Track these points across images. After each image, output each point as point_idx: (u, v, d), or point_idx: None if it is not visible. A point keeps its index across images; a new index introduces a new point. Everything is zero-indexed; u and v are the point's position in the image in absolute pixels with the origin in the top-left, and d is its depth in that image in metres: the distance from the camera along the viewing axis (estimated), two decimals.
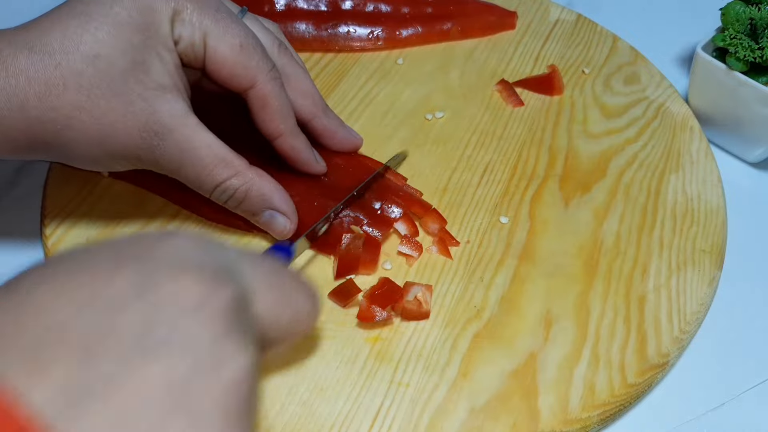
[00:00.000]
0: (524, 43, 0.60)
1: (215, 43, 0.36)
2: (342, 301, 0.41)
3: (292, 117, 0.41)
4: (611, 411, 0.38)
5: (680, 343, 0.41)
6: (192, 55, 0.37)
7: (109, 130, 0.34)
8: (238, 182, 0.38)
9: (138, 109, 0.34)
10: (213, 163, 0.37)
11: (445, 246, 0.44)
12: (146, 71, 0.35)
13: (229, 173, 0.38)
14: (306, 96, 0.43)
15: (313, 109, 0.44)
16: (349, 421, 0.36)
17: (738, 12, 0.50)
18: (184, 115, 0.36)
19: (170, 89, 0.35)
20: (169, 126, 0.35)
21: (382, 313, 0.39)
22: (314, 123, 0.44)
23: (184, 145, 0.36)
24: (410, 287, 0.41)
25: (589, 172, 0.50)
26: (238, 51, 0.37)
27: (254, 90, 0.38)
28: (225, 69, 0.37)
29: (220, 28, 0.36)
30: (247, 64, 0.37)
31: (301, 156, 0.42)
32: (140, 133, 0.35)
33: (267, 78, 0.38)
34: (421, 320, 0.40)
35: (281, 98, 0.39)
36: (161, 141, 0.35)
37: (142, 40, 0.34)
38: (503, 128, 0.52)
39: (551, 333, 0.40)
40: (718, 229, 0.47)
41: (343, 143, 0.46)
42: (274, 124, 0.40)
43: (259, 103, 0.39)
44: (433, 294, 0.42)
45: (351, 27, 0.57)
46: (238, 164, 0.38)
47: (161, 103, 0.35)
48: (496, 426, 0.36)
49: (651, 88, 0.56)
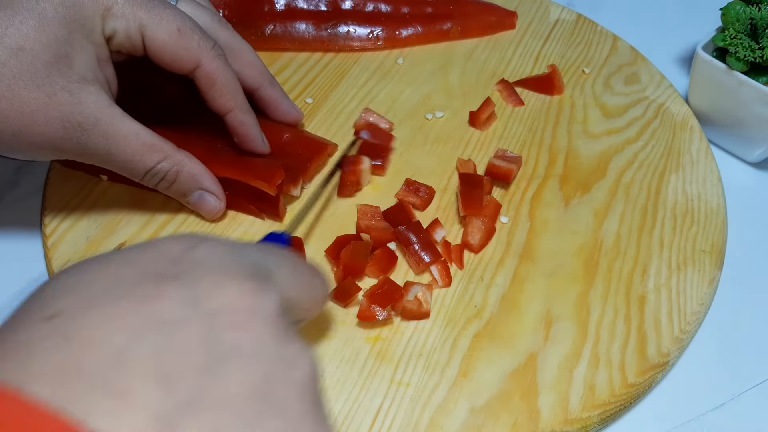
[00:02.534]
0: (524, 43, 0.60)
1: (152, 33, 0.37)
2: (342, 301, 0.41)
3: (241, 92, 0.42)
4: (611, 411, 0.38)
5: (680, 342, 0.41)
6: (130, 46, 0.38)
7: (29, 120, 0.35)
8: (168, 165, 0.40)
9: (60, 101, 0.35)
10: (142, 150, 0.38)
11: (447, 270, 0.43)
12: (69, 64, 0.35)
13: (159, 157, 0.39)
14: (252, 67, 0.44)
15: (259, 79, 0.45)
16: (349, 420, 0.36)
17: (738, 12, 0.50)
18: (107, 106, 0.37)
19: (92, 82, 0.36)
20: (95, 117, 0.36)
21: (382, 313, 0.39)
22: (261, 92, 0.45)
23: (110, 135, 0.37)
24: (411, 287, 0.41)
25: (589, 172, 0.50)
26: (176, 36, 0.38)
27: (199, 70, 0.39)
28: (167, 55, 0.38)
29: (155, 16, 0.37)
30: (188, 47, 0.38)
31: (249, 132, 0.43)
32: (63, 124, 0.36)
33: (210, 56, 0.39)
34: (421, 320, 0.40)
35: (227, 74, 0.40)
36: (85, 132, 0.36)
37: (67, 34, 0.35)
38: (503, 128, 0.52)
39: (551, 333, 0.40)
40: (718, 229, 0.47)
41: (287, 115, 0.47)
42: (224, 99, 0.41)
43: (207, 82, 0.40)
44: (434, 294, 0.42)
45: (351, 27, 0.57)
46: (167, 148, 0.39)
47: (85, 95, 0.36)
48: (497, 426, 0.36)
49: (651, 88, 0.56)
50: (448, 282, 0.42)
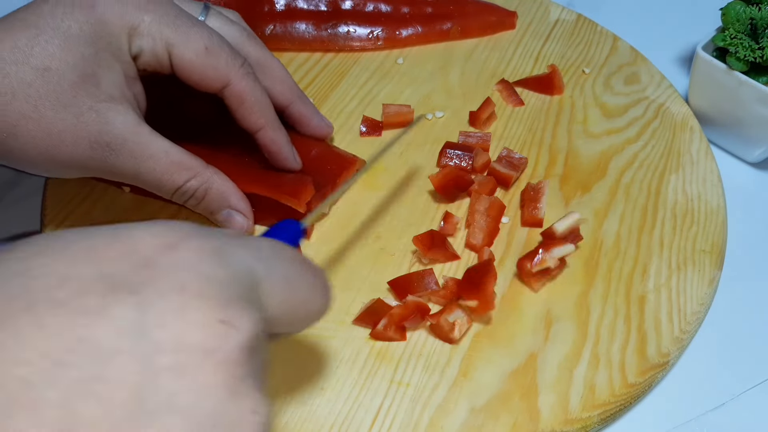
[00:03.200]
0: (524, 43, 0.60)
1: (179, 52, 0.37)
2: (370, 325, 0.40)
3: (271, 109, 0.41)
4: (611, 411, 0.38)
5: (680, 342, 0.41)
6: (157, 65, 0.37)
7: (57, 141, 0.34)
8: (197, 183, 0.39)
9: (88, 121, 0.35)
10: (171, 169, 0.37)
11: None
12: (97, 84, 0.35)
13: (188, 176, 0.38)
14: (282, 83, 0.44)
15: (289, 96, 0.44)
16: (349, 420, 0.36)
17: (738, 12, 0.50)
18: (136, 125, 0.36)
19: (121, 101, 0.36)
20: (123, 137, 0.35)
21: (395, 335, 0.39)
22: (291, 109, 0.45)
23: (138, 154, 0.36)
24: (455, 308, 0.39)
25: (589, 172, 0.50)
26: (204, 55, 0.37)
27: (229, 89, 0.39)
28: (195, 74, 0.37)
29: (182, 35, 0.36)
30: (217, 65, 0.38)
31: (281, 150, 0.42)
32: (90, 144, 0.35)
33: (239, 75, 0.39)
34: (446, 343, 0.40)
35: (257, 92, 0.40)
36: (113, 152, 0.36)
37: (93, 53, 0.34)
38: (503, 128, 0.52)
39: (551, 333, 0.40)
40: (718, 229, 0.47)
41: (318, 129, 0.47)
42: (254, 117, 0.40)
43: (236, 101, 0.39)
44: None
45: (351, 27, 0.57)
46: (196, 165, 0.39)
47: (113, 115, 0.35)
48: (497, 426, 0.36)
49: (651, 88, 0.56)
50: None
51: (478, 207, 0.45)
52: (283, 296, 0.23)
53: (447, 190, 0.46)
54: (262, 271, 0.22)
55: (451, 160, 0.48)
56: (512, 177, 0.47)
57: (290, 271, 0.24)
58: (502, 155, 0.49)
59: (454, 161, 0.48)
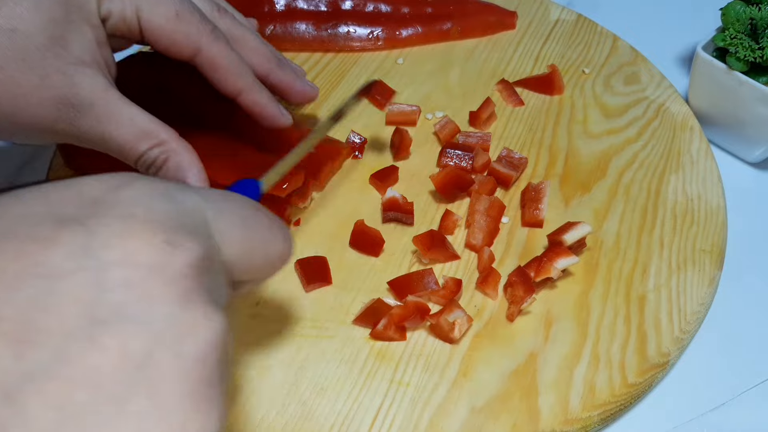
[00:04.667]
0: (524, 43, 0.60)
1: (149, 15, 0.36)
2: (371, 324, 0.40)
3: (249, 72, 0.41)
4: (612, 411, 0.38)
5: (680, 342, 0.41)
6: (125, 29, 0.36)
7: (23, 103, 0.34)
8: (157, 151, 0.37)
9: (55, 82, 0.34)
10: (137, 135, 0.36)
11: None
12: (65, 46, 0.34)
13: (150, 143, 0.37)
14: (257, 53, 0.43)
15: (267, 65, 0.43)
16: (349, 420, 0.36)
17: (738, 12, 0.50)
18: (104, 89, 0.35)
19: (89, 64, 0.35)
20: (89, 99, 0.35)
21: (395, 335, 0.39)
22: (271, 78, 0.44)
23: (105, 118, 0.36)
24: (455, 309, 0.40)
25: (589, 172, 0.50)
26: (174, 19, 0.37)
27: (201, 55, 0.38)
28: (164, 39, 0.37)
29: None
30: (187, 31, 0.37)
31: (266, 110, 0.41)
32: (56, 106, 0.35)
33: (210, 39, 0.38)
34: (446, 343, 0.40)
35: (230, 56, 0.39)
36: (79, 114, 0.35)
37: (63, 15, 0.34)
38: (503, 128, 0.52)
39: (551, 333, 0.40)
40: (718, 229, 0.47)
41: (302, 94, 0.45)
42: (230, 82, 0.40)
43: (210, 66, 0.39)
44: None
45: (351, 27, 0.57)
46: (163, 136, 0.37)
47: (81, 77, 0.35)
48: (497, 426, 0.36)
49: (651, 88, 0.56)
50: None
51: (478, 207, 0.45)
52: (238, 236, 0.24)
53: (447, 190, 0.46)
54: (213, 212, 0.23)
55: (451, 160, 0.48)
56: (512, 177, 0.47)
57: (244, 213, 0.25)
58: (502, 155, 0.49)
59: (454, 161, 0.48)
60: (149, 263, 0.19)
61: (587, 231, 0.42)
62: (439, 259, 0.43)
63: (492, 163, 0.48)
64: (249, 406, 0.36)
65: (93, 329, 0.17)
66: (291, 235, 0.27)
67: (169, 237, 0.20)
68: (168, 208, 0.21)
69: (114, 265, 0.18)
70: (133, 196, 0.21)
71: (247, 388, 0.37)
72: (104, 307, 0.18)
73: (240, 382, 0.37)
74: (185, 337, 0.19)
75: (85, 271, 0.18)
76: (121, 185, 0.21)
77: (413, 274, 0.42)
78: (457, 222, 0.45)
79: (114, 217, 0.19)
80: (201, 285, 0.20)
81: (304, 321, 0.40)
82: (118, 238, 0.19)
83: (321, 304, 0.41)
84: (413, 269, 0.43)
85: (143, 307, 0.18)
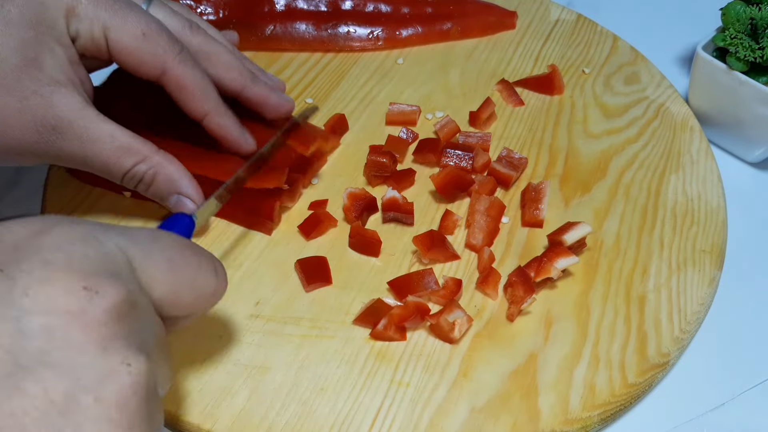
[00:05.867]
0: (524, 43, 0.60)
1: (116, 35, 0.36)
2: (371, 324, 0.40)
3: (214, 95, 0.41)
4: (611, 411, 0.38)
5: (681, 342, 0.41)
6: (94, 48, 0.37)
7: (3, 126, 0.34)
8: (145, 167, 0.38)
9: (33, 104, 0.34)
10: (118, 152, 0.37)
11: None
12: (39, 67, 0.34)
13: (136, 159, 0.38)
14: (229, 69, 0.43)
15: (240, 80, 0.43)
16: (349, 420, 0.36)
17: (738, 12, 0.50)
18: (81, 108, 0.36)
19: (65, 84, 0.35)
20: (68, 119, 0.35)
21: (395, 335, 0.39)
22: (245, 93, 0.44)
23: (85, 137, 0.36)
24: (455, 309, 0.40)
25: (589, 172, 0.50)
26: (141, 39, 0.37)
27: (166, 75, 0.38)
28: (131, 58, 0.37)
29: (119, 18, 0.36)
30: (153, 51, 0.37)
31: (229, 134, 0.42)
32: (36, 128, 0.35)
33: (176, 61, 0.38)
34: (446, 343, 0.40)
35: (196, 78, 0.39)
36: (59, 135, 0.35)
37: (34, 36, 0.34)
38: (503, 128, 0.52)
39: (551, 333, 0.40)
40: (718, 229, 0.47)
41: (278, 109, 0.45)
42: (195, 104, 0.40)
43: (175, 87, 0.39)
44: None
45: (351, 27, 0.57)
46: (145, 150, 0.38)
47: (57, 98, 0.35)
48: (497, 426, 0.36)
49: (651, 88, 0.56)
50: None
51: (478, 207, 0.45)
52: (164, 276, 0.24)
53: (447, 190, 0.46)
54: (137, 254, 0.23)
55: (451, 160, 0.48)
56: (512, 177, 0.47)
57: (170, 253, 0.25)
58: (502, 155, 0.49)
59: (454, 161, 0.48)
60: (68, 310, 0.19)
61: (587, 231, 0.42)
62: (439, 259, 0.43)
63: (492, 163, 0.48)
64: (249, 406, 0.36)
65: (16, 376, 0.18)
66: (222, 270, 0.28)
67: (87, 283, 0.20)
68: (88, 252, 0.21)
69: (34, 312, 0.19)
70: (53, 243, 0.21)
71: (247, 388, 0.37)
72: (26, 353, 0.18)
73: (240, 383, 0.37)
74: (104, 383, 0.19)
75: (7, 318, 0.19)
76: (43, 231, 0.21)
77: (413, 274, 0.42)
78: (457, 222, 0.45)
79: (34, 263, 0.20)
80: (120, 329, 0.20)
81: (304, 321, 0.40)
82: (38, 284, 0.19)
83: (321, 304, 0.41)
84: (413, 269, 0.43)
85: (64, 354, 0.19)
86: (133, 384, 0.20)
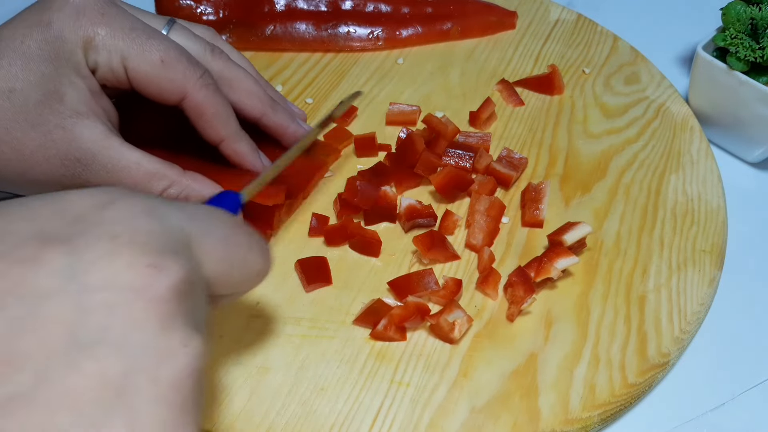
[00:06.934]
0: (524, 43, 0.60)
1: (134, 64, 0.36)
2: (371, 325, 0.40)
3: (233, 121, 0.40)
4: (612, 411, 0.38)
5: (681, 342, 0.41)
6: (114, 78, 0.36)
7: (30, 161, 0.34)
8: (175, 191, 0.38)
9: (56, 138, 0.34)
10: (146, 179, 0.37)
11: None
12: (60, 100, 0.35)
13: (165, 185, 0.38)
14: (250, 95, 0.42)
15: (260, 107, 0.43)
16: (349, 420, 0.36)
17: (739, 12, 0.50)
18: (105, 138, 0.36)
19: (87, 115, 0.35)
20: (92, 151, 0.35)
21: (395, 335, 0.39)
22: (264, 121, 0.44)
23: (110, 167, 0.36)
24: (455, 309, 0.39)
25: (589, 172, 0.50)
26: (159, 67, 0.36)
27: (187, 101, 0.38)
28: (152, 86, 0.37)
29: (136, 47, 0.36)
30: (173, 77, 0.37)
31: (245, 160, 0.42)
32: (62, 161, 0.35)
33: (197, 86, 0.38)
34: (446, 343, 0.40)
35: (216, 104, 0.39)
36: (85, 167, 0.35)
37: (54, 69, 0.34)
38: (503, 128, 0.52)
39: (551, 333, 0.40)
40: (718, 229, 0.47)
41: (295, 138, 0.45)
42: (214, 130, 0.40)
43: (195, 112, 0.39)
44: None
45: (351, 27, 0.57)
46: (171, 174, 0.38)
47: (80, 130, 0.35)
48: (497, 426, 0.36)
49: (651, 88, 0.56)
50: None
51: (478, 207, 0.45)
52: (219, 255, 0.24)
53: (447, 190, 0.46)
54: (195, 231, 0.23)
55: (452, 159, 0.48)
56: (512, 177, 0.47)
57: (226, 231, 0.25)
58: (502, 155, 0.49)
59: (454, 161, 0.48)
60: (132, 286, 0.19)
61: (587, 231, 0.42)
62: (439, 259, 0.43)
63: (492, 163, 0.48)
64: (249, 406, 0.36)
65: (74, 353, 0.18)
66: (269, 251, 0.28)
67: (152, 259, 0.20)
68: (152, 228, 0.21)
69: (97, 287, 0.19)
70: (117, 216, 0.21)
71: (247, 388, 0.37)
72: (85, 330, 0.18)
73: (240, 383, 0.37)
74: (162, 363, 0.19)
75: (68, 292, 0.18)
76: (107, 203, 0.21)
77: (413, 274, 0.42)
78: (457, 222, 0.45)
79: (98, 236, 0.20)
80: (181, 308, 0.20)
81: (304, 321, 0.40)
82: (102, 259, 0.19)
83: (321, 304, 0.41)
84: (413, 269, 0.43)
85: (123, 332, 0.18)
86: (189, 365, 0.20)
